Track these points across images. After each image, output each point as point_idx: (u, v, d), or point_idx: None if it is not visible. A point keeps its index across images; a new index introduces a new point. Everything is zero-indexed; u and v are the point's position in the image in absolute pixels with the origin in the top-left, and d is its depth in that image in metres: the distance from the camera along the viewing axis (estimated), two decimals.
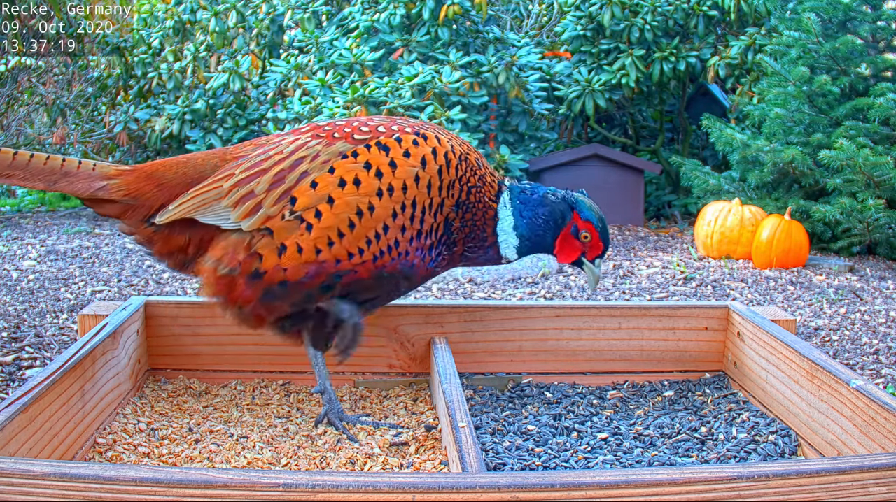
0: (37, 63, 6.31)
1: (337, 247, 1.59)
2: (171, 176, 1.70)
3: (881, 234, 4.42)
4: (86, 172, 1.69)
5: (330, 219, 1.58)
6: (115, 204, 1.69)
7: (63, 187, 1.68)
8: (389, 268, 1.64)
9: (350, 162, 1.60)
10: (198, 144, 5.64)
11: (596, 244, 1.70)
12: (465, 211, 1.69)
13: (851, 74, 4.73)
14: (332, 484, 1.08)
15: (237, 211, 1.60)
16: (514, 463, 1.56)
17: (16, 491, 1.08)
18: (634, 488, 1.11)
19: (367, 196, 1.59)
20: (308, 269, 1.59)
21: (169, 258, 1.70)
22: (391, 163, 1.61)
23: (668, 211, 5.98)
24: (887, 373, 2.48)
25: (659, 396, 1.95)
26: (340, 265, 1.60)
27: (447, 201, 1.66)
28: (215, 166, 1.70)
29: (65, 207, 6.36)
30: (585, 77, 5.52)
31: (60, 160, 1.68)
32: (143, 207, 1.69)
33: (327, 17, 5.93)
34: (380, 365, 2.04)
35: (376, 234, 1.60)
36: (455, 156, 1.67)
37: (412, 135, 1.66)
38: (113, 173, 1.70)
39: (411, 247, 1.64)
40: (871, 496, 1.15)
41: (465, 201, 1.69)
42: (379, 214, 1.60)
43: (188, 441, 1.66)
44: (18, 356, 2.45)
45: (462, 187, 1.68)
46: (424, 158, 1.63)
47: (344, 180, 1.59)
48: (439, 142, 1.67)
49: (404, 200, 1.61)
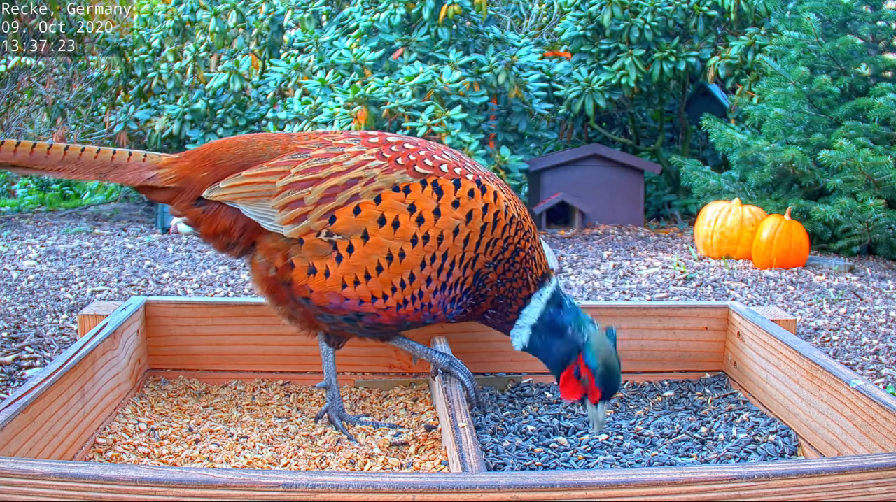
0: (37, 63, 6.31)
1: (362, 288, 1.59)
2: (227, 156, 1.70)
3: (881, 234, 4.42)
4: (136, 163, 1.71)
5: (360, 257, 1.57)
6: (165, 190, 1.71)
7: (114, 178, 1.70)
8: (412, 317, 1.65)
9: (398, 198, 1.58)
10: (198, 144, 5.64)
11: (593, 390, 1.61)
12: (506, 269, 1.66)
13: (851, 74, 4.73)
14: (332, 484, 1.08)
15: (283, 214, 1.60)
16: (514, 463, 1.56)
17: (16, 491, 1.08)
18: (634, 488, 1.11)
19: (402, 241, 1.57)
20: (332, 300, 1.61)
21: (214, 240, 1.71)
22: (436, 210, 1.58)
23: (668, 211, 5.98)
24: (887, 373, 2.48)
25: (659, 396, 1.95)
26: (363, 306, 1.62)
27: (482, 257, 1.63)
28: (275, 152, 1.68)
29: (65, 207, 6.36)
30: (585, 77, 5.52)
31: (111, 153, 1.70)
32: (193, 189, 1.69)
33: (327, 17, 5.93)
34: (380, 365, 2.04)
35: (402, 282, 1.59)
36: (505, 218, 1.64)
37: (471, 184, 1.62)
38: (164, 162, 1.72)
39: (434, 300, 1.63)
40: (871, 496, 1.15)
41: (509, 260, 1.66)
42: (408, 261, 1.58)
43: (188, 441, 1.66)
44: (18, 356, 2.45)
45: (507, 246, 1.65)
46: (472, 213, 1.61)
47: (384, 218, 1.57)
48: (496, 198, 1.64)
49: (436, 251, 1.59)
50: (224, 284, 3.54)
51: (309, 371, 2.04)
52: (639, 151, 6.34)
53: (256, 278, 1.68)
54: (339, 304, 1.62)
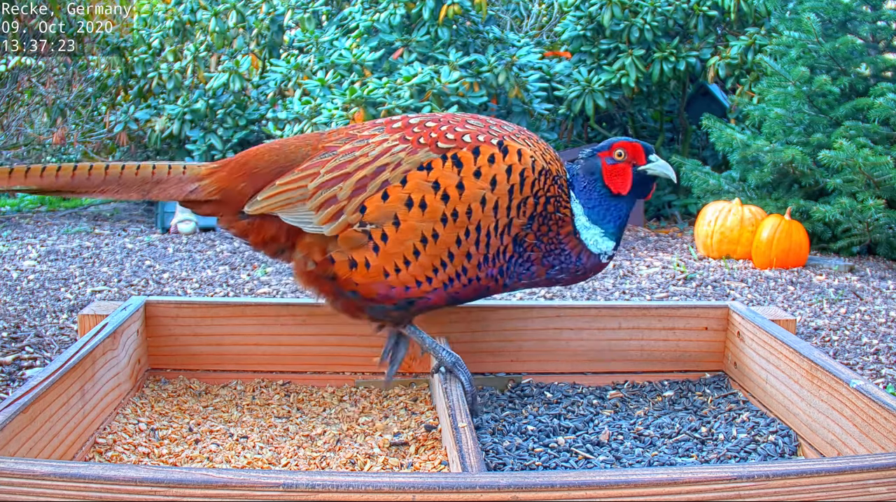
0: (37, 63, 6.31)
1: (404, 274, 1.59)
2: (262, 164, 1.70)
3: (881, 234, 4.42)
4: (176, 177, 1.70)
5: (395, 244, 1.57)
6: (209, 203, 1.71)
7: (157, 195, 1.70)
8: (462, 293, 1.64)
9: (422, 177, 1.57)
10: (198, 144, 5.64)
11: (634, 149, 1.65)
12: (540, 223, 1.65)
13: (851, 74, 4.73)
14: (332, 484, 1.08)
15: (320, 215, 1.61)
16: (514, 463, 1.56)
17: (16, 491, 1.08)
18: (634, 488, 1.11)
19: (432, 222, 1.56)
20: (379, 290, 1.61)
21: (264, 248, 1.72)
22: (459, 184, 1.57)
23: (668, 211, 5.98)
24: (887, 373, 2.48)
25: (659, 396, 1.95)
26: (410, 292, 1.62)
27: (516, 220, 1.61)
28: (306, 154, 1.69)
29: (65, 207, 6.36)
30: (585, 77, 5.52)
31: (150, 168, 1.69)
32: (234, 201, 1.69)
33: (327, 17, 5.93)
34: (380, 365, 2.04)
35: (442, 262, 1.59)
36: (533, 172, 1.62)
37: (492, 149, 1.61)
38: (203, 173, 1.71)
39: (481, 272, 1.62)
40: (871, 496, 1.15)
41: (542, 213, 1.64)
42: (443, 241, 1.57)
43: (188, 441, 1.66)
44: (18, 356, 2.45)
45: (538, 200, 1.63)
46: (495, 178, 1.59)
47: (412, 201, 1.57)
48: (520, 156, 1.62)
49: (468, 225, 1.58)
50: (224, 284, 3.54)
51: (309, 371, 2.04)
52: None
53: (296, 272, 1.69)
54: (387, 294, 1.62)
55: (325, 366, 2.04)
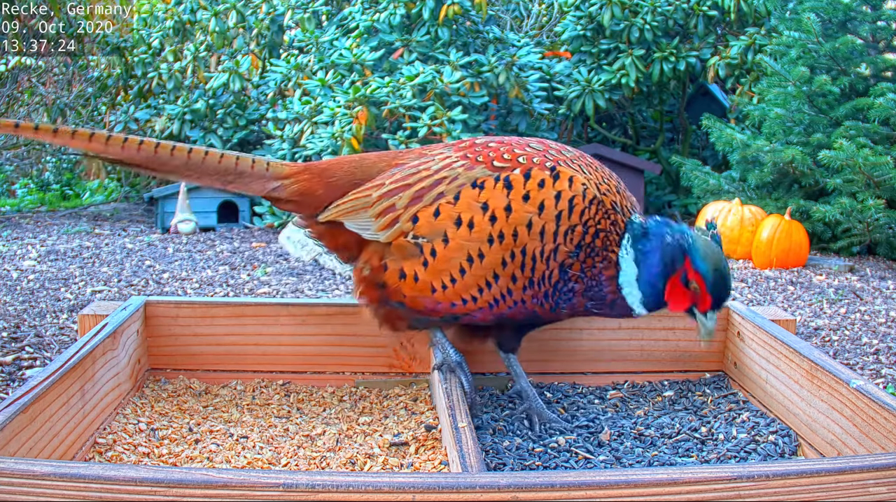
0: (37, 63, 6.31)
1: (450, 291, 1.61)
2: (340, 174, 1.74)
3: (881, 234, 4.42)
4: (259, 172, 1.74)
5: (442, 260, 1.60)
6: (289, 202, 1.75)
7: (238, 187, 1.74)
8: (508, 314, 1.65)
9: (473, 195, 1.59)
10: (198, 144, 5.64)
11: (704, 297, 1.56)
12: (587, 255, 1.61)
13: (851, 74, 4.73)
14: (332, 484, 1.08)
15: (378, 222, 1.64)
16: (514, 464, 1.56)
17: (16, 491, 1.08)
18: (634, 488, 1.11)
19: (479, 242, 1.58)
20: (425, 303, 1.64)
21: (338, 252, 1.77)
22: (507, 207, 1.58)
23: (668, 211, 5.98)
24: (887, 373, 2.48)
25: (659, 396, 1.95)
26: (456, 308, 1.64)
27: (563, 247, 1.59)
28: (381, 169, 1.73)
29: (65, 207, 6.36)
30: (585, 77, 5.52)
31: (234, 158, 1.72)
32: (311, 205, 1.74)
33: (327, 17, 5.93)
34: (380, 365, 2.04)
35: (487, 283, 1.60)
36: (583, 201, 1.59)
37: (543, 173, 1.60)
38: (286, 173, 1.75)
39: (526, 296, 1.62)
40: (871, 496, 1.15)
41: (590, 244, 1.61)
42: (489, 262, 1.58)
43: (188, 441, 1.66)
44: (18, 356, 2.45)
45: (587, 229, 1.60)
46: (543, 203, 1.58)
47: (461, 220, 1.59)
48: (571, 183, 1.60)
49: (513, 248, 1.58)
50: (224, 284, 3.54)
51: (309, 371, 2.04)
52: (639, 151, 6.34)
53: (354, 276, 1.74)
54: (434, 308, 1.65)
55: (325, 366, 2.04)
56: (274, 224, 5.19)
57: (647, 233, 1.61)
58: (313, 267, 3.97)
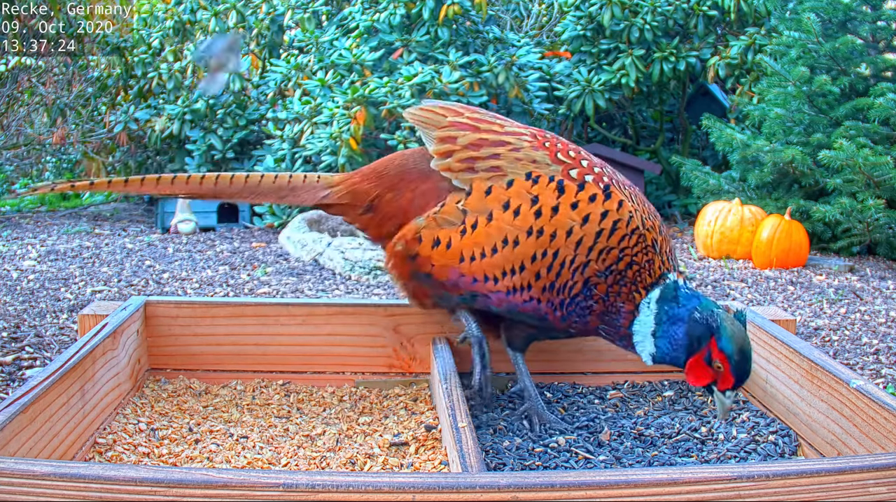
0: (37, 63, 6.31)
1: (476, 264, 1.65)
2: (391, 168, 1.83)
3: (881, 234, 4.42)
4: (311, 185, 1.85)
5: (481, 235, 1.64)
6: (338, 206, 1.85)
7: (291, 200, 1.86)
8: (521, 308, 1.68)
9: (526, 186, 1.63)
10: (198, 144, 5.64)
11: (726, 378, 1.57)
12: (615, 281, 1.63)
13: (851, 74, 4.73)
14: (332, 484, 1.08)
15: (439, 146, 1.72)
16: (514, 464, 1.56)
17: (16, 491, 1.08)
18: (634, 488, 1.11)
19: (519, 230, 1.62)
20: (450, 275, 1.68)
21: (381, 241, 1.85)
22: (555, 207, 1.61)
23: (668, 211, 5.98)
24: (887, 373, 2.48)
25: (659, 396, 1.95)
26: (476, 285, 1.67)
27: (593, 264, 1.62)
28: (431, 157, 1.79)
29: (65, 207, 6.36)
30: (585, 77, 5.52)
31: (287, 177, 1.85)
32: (361, 201, 1.83)
33: (327, 17, 5.93)
34: (380, 365, 2.04)
35: (512, 269, 1.64)
36: (626, 227, 1.62)
37: (596, 189, 1.63)
38: (336, 181, 1.86)
39: (543, 297, 1.65)
40: (871, 496, 1.15)
41: (622, 272, 1.62)
42: (521, 251, 1.62)
43: (188, 441, 1.66)
44: (18, 356, 2.45)
45: (622, 257, 1.61)
46: (588, 216, 1.61)
47: (509, 204, 1.63)
48: (620, 206, 1.63)
49: (547, 247, 1.61)
50: (224, 284, 3.54)
51: (309, 371, 2.04)
52: (639, 151, 6.34)
53: (386, 253, 1.79)
54: (456, 281, 1.69)
55: (325, 366, 2.04)
56: (274, 224, 5.19)
57: (678, 300, 1.62)
58: (313, 267, 3.97)
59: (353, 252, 3.84)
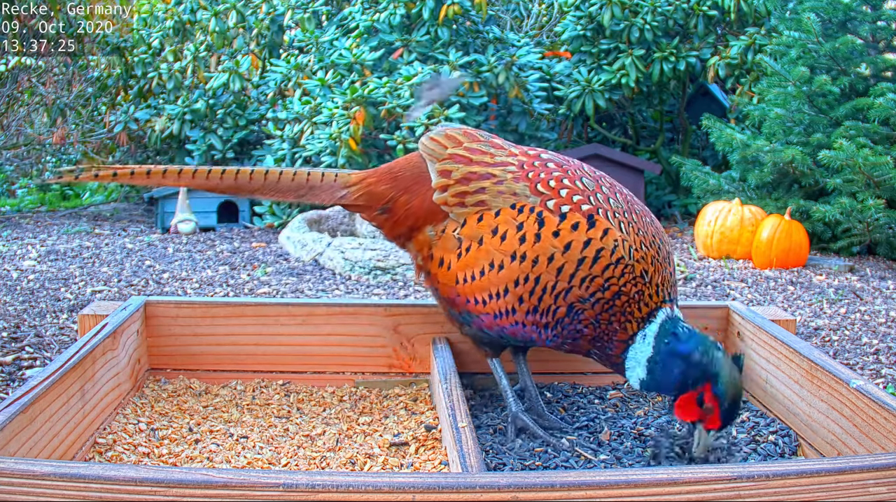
0: (37, 63, 6.31)
1: (468, 287, 1.70)
2: (407, 169, 1.86)
3: (881, 234, 4.42)
4: (328, 184, 1.87)
5: (472, 258, 1.68)
6: (356, 205, 1.88)
7: (309, 199, 1.88)
8: (509, 331, 1.70)
9: (512, 214, 1.66)
10: (198, 144, 5.64)
11: (715, 419, 1.57)
12: (603, 309, 1.63)
13: (851, 74, 4.73)
14: (332, 484, 1.08)
15: (438, 179, 1.75)
16: (514, 464, 1.56)
17: (16, 491, 1.08)
18: (634, 488, 1.11)
19: (504, 254, 1.65)
20: (451, 294, 1.74)
21: (396, 240, 1.88)
22: (537, 234, 1.63)
23: (668, 211, 5.98)
24: (887, 373, 2.48)
25: (659, 396, 1.95)
26: (469, 305, 1.72)
27: (576, 290, 1.61)
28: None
29: (65, 207, 6.36)
30: (585, 77, 5.52)
31: (305, 175, 1.86)
32: (377, 201, 1.86)
33: (327, 17, 5.93)
34: (380, 365, 2.04)
35: (497, 293, 1.66)
36: (611, 257, 1.60)
37: (579, 217, 1.62)
38: (354, 180, 1.87)
39: (527, 320, 1.66)
40: (871, 496, 1.15)
41: (609, 300, 1.62)
42: (505, 275, 1.65)
43: (188, 441, 1.66)
44: (18, 356, 2.45)
45: (607, 286, 1.61)
46: (570, 244, 1.61)
47: (497, 229, 1.66)
48: (605, 234, 1.61)
49: (529, 272, 1.63)
50: (224, 284, 3.54)
51: (309, 371, 2.04)
52: (639, 151, 6.34)
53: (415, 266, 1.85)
54: (454, 300, 1.73)
55: (325, 366, 2.04)
56: (274, 224, 5.19)
57: (677, 337, 1.62)
58: (313, 267, 3.97)
59: (353, 252, 3.84)
